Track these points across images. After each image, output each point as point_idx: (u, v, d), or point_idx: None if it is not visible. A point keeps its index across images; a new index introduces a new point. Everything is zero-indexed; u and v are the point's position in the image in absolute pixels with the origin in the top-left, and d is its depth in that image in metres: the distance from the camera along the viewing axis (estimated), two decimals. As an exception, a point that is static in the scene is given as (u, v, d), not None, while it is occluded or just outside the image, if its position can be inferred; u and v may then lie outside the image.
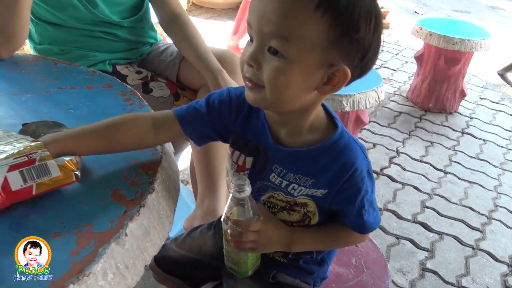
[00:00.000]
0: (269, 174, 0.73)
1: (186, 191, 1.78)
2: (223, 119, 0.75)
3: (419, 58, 2.81)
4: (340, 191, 0.70)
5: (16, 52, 1.06)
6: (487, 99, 3.11)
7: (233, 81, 1.21)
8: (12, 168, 0.57)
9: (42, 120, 0.78)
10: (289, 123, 0.70)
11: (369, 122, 2.52)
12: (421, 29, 2.65)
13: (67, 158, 0.64)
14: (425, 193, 2.06)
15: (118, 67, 1.28)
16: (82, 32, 1.19)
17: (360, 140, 0.71)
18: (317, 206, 0.73)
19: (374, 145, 2.39)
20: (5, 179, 0.56)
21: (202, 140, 0.79)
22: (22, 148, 0.60)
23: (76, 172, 0.63)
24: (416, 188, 2.09)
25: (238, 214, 0.72)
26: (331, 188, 0.70)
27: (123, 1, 1.24)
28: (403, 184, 2.11)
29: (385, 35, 4.05)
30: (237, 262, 0.78)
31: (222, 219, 0.74)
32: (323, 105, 0.72)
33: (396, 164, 2.25)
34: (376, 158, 2.27)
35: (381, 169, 2.19)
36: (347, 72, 0.62)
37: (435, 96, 2.77)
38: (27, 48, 1.39)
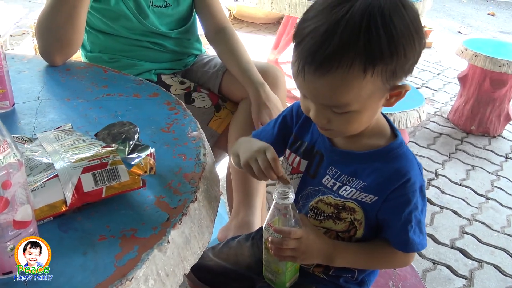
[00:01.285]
0: (322, 177, 0.75)
1: (220, 202, 1.80)
2: (287, 125, 0.83)
3: (462, 79, 2.73)
4: (389, 199, 0.70)
5: (69, 59, 1.11)
6: (534, 124, 2.98)
7: (275, 95, 1.22)
8: (85, 170, 0.60)
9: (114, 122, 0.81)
10: None
11: (408, 142, 2.47)
12: (466, 49, 2.58)
13: (136, 161, 0.66)
14: (464, 218, 1.99)
15: (163, 77, 1.31)
16: (131, 41, 1.24)
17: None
18: (364, 215, 0.73)
19: (412, 165, 2.33)
20: (79, 180, 0.59)
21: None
22: (95, 152, 0.64)
23: (146, 173, 0.66)
24: (455, 212, 2.02)
25: (280, 222, 0.72)
26: (380, 194, 0.70)
27: (172, 13, 1.27)
28: (442, 207, 2.04)
29: (427, 55, 4.00)
30: (275, 272, 0.77)
31: (263, 227, 0.75)
32: (386, 118, 0.75)
33: (434, 186, 2.19)
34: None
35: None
36: (408, 88, 0.66)
37: (478, 118, 2.68)
38: (77, 55, 1.45)
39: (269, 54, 2.77)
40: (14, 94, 0.89)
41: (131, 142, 0.71)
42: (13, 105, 0.88)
